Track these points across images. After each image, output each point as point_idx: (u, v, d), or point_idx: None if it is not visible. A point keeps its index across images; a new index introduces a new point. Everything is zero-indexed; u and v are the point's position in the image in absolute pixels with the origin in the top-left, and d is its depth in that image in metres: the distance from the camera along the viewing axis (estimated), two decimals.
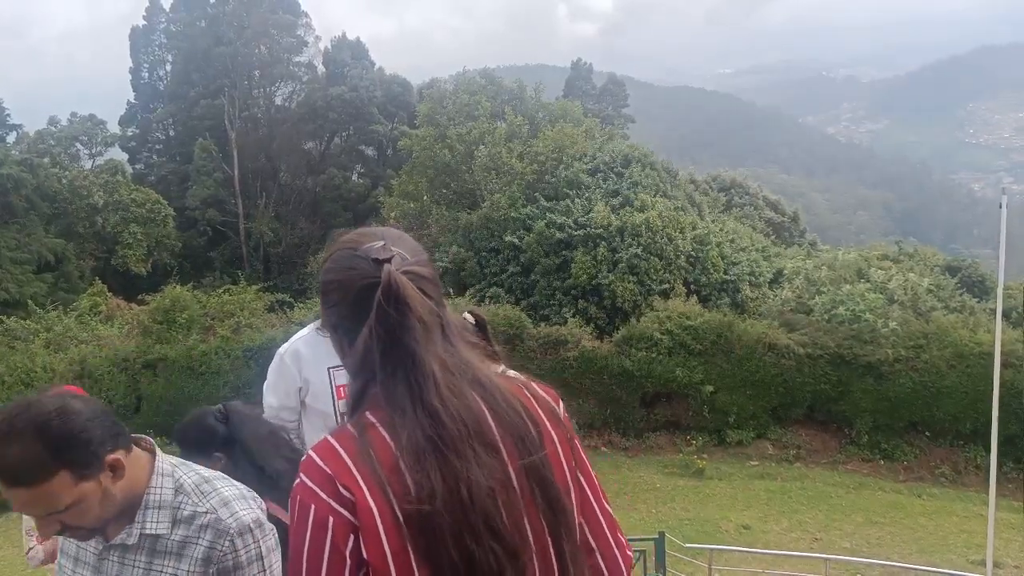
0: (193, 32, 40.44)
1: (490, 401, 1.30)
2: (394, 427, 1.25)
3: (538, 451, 1.30)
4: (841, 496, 15.85)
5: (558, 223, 22.15)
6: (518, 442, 1.29)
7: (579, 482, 1.40)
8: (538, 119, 27.71)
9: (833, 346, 17.69)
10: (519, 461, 1.28)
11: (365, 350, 1.29)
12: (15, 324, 20.23)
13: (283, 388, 3.22)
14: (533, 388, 1.42)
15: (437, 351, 1.30)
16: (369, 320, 1.28)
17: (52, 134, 36.06)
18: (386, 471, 1.22)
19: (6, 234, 28.91)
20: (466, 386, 1.29)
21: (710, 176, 37.52)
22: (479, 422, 1.27)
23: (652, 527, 12.33)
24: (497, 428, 1.28)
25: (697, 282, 21.18)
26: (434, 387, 1.26)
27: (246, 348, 17.66)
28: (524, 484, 1.28)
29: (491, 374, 1.36)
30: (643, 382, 18.09)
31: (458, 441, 1.23)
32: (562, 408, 1.44)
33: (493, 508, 1.22)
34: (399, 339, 1.28)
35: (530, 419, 1.32)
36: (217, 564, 1.80)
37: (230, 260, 37.66)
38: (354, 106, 39.58)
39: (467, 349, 1.36)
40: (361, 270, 1.33)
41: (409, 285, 1.29)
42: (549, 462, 1.31)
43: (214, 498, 1.86)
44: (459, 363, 1.32)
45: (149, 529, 1.82)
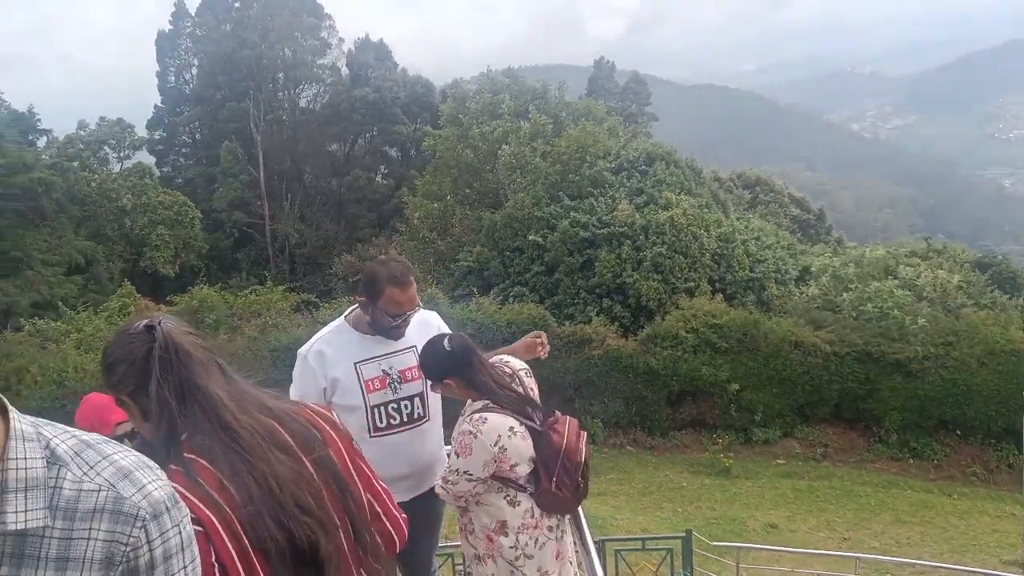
0: (218, 36, 40.83)
1: (277, 417, 1.66)
2: (209, 454, 1.55)
3: (323, 449, 1.68)
4: (869, 495, 15.70)
5: (582, 222, 22.11)
6: (306, 444, 1.65)
7: (361, 469, 1.80)
8: (561, 118, 27.69)
9: (861, 343, 17.55)
10: (310, 456, 1.64)
11: (159, 397, 1.58)
12: (46, 325, 20.52)
13: (307, 390, 3.21)
14: (311, 406, 1.81)
15: (219, 383, 1.63)
16: (155, 371, 1.58)
17: (81, 138, 36.50)
18: (215, 491, 1.52)
19: (37, 237, 29.32)
20: (252, 407, 1.64)
21: (734, 173, 37.34)
22: (272, 431, 1.62)
23: (679, 526, 12.28)
24: (288, 435, 1.64)
25: (722, 280, 21.06)
26: (224, 408, 1.59)
27: (272, 348, 17.79)
28: (319, 474, 1.64)
29: (272, 400, 1.71)
30: (668, 380, 18.03)
31: (257, 448, 1.56)
32: (336, 416, 1.84)
33: (298, 491, 1.57)
34: (185, 379, 1.59)
35: (313, 426, 1.72)
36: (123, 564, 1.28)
37: (256, 261, 37.98)
38: (377, 107, 39.77)
39: (246, 382, 1.71)
40: (138, 341, 1.62)
41: (182, 335, 1.62)
42: (333, 456, 1.71)
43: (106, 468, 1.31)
44: (240, 392, 1.66)
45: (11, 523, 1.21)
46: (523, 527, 3.01)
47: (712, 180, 29.79)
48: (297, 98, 43.21)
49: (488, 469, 2.93)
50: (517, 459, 2.95)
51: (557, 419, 3.07)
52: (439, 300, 19.10)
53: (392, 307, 3.15)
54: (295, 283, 31.84)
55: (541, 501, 3.03)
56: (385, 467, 3.18)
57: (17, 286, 27.20)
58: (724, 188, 30.67)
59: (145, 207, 33.82)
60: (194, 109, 41.97)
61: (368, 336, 3.26)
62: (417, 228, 28.42)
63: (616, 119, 30.14)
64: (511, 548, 3.00)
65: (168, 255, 33.44)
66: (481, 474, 2.94)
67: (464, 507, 3.11)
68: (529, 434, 2.98)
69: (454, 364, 3.04)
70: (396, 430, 3.26)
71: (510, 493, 3.01)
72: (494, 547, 3.04)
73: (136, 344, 1.62)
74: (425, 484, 3.36)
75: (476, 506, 3.06)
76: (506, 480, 2.99)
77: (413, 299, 3.20)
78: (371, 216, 39.56)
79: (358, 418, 3.19)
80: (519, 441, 2.95)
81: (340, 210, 40.40)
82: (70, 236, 30.78)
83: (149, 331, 1.62)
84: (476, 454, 2.92)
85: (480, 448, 2.91)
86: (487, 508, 3.04)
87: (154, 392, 1.57)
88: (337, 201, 40.81)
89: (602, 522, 12.90)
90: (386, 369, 3.26)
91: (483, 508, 3.05)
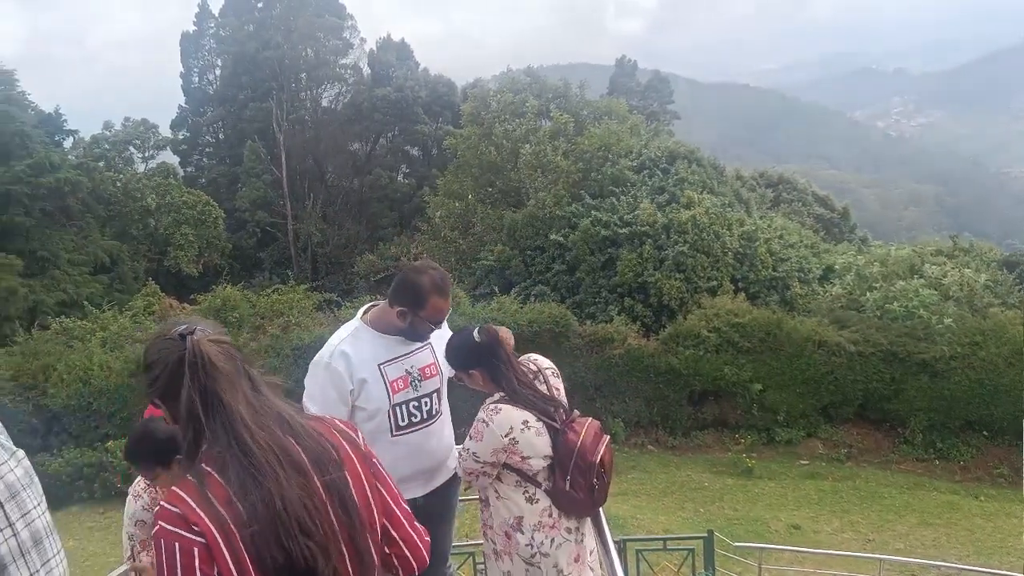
0: (241, 36, 41.09)
1: (295, 434, 1.67)
2: (223, 468, 1.59)
3: (338, 470, 1.68)
4: (894, 496, 15.55)
5: (603, 221, 22.07)
6: (319, 464, 1.66)
7: (378, 490, 1.79)
8: (583, 117, 27.64)
9: (886, 343, 17.39)
10: (323, 478, 1.65)
11: (188, 404, 1.63)
12: (73, 324, 20.74)
13: (332, 395, 3.20)
14: (335, 423, 1.82)
15: (243, 397, 1.65)
16: (186, 380, 1.63)
17: (107, 138, 36.83)
18: (222, 506, 1.55)
19: (64, 236, 29.64)
20: (272, 423, 1.65)
21: (757, 172, 37.07)
22: (287, 449, 1.63)
23: (700, 526, 12.24)
24: (303, 453, 1.65)
25: (745, 279, 20.94)
26: (242, 424, 1.61)
27: (295, 346, 17.88)
28: (328, 496, 1.65)
29: (294, 413, 1.73)
30: (690, 380, 17.96)
31: (268, 466, 1.58)
32: (360, 436, 1.84)
33: (304, 514, 1.58)
34: (210, 390, 1.62)
35: (332, 446, 1.71)
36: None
37: (279, 260, 38.20)
38: (399, 107, 39.86)
39: (274, 396, 1.73)
40: (172, 347, 1.68)
41: (211, 348, 1.65)
42: (348, 478, 1.70)
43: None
44: (264, 406, 1.67)
45: None
46: (539, 525, 3.02)
47: (734, 179, 29.59)
48: (319, 98, 43.38)
49: (497, 457, 2.98)
50: (529, 452, 2.97)
51: (576, 419, 3.08)
52: (460, 299, 19.13)
53: (435, 315, 3.18)
54: (317, 282, 32.01)
55: (556, 500, 3.04)
56: (405, 465, 3.25)
57: (44, 285, 27.51)
58: (747, 187, 30.42)
59: (169, 207, 34.10)
60: (217, 109, 42.27)
61: (387, 336, 3.27)
62: (438, 227, 28.50)
63: (638, 117, 30.03)
64: (527, 546, 3.01)
65: (192, 254, 33.69)
66: (488, 459, 3.00)
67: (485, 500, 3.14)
68: (546, 431, 2.99)
69: (481, 355, 3.08)
70: (416, 427, 3.29)
71: (529, 489, 3.03)
72: (511, 544, 3.06)
73: (170, 350, 1.67)
74: (439, 478, 3.42)
75: (497, 501, 3.09)
76: (522, 472, 3.01)
77: (447, 307, 3.23)
78: (392, 215, 39.68)
79: (381, 418, 3.22)
80: (532, 436, 2.97)
81: (362, 209, 40.55)
82: (96, 236, 31.10)
83: (182, 339, 1.67)
84: (486, 441, 2.98)
85: (491, 436, 2.96)
86: (507, 503, 3.06)
87: (184, 400, 1.63)
88: (359, 200, 40.96)
89: (623, 522, 12.88)
90: (408, 368, 3.28)
91: (503, 503, 3.07)
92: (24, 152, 28.70)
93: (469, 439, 3.04)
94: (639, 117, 30.42)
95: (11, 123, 28.85)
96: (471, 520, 10.00)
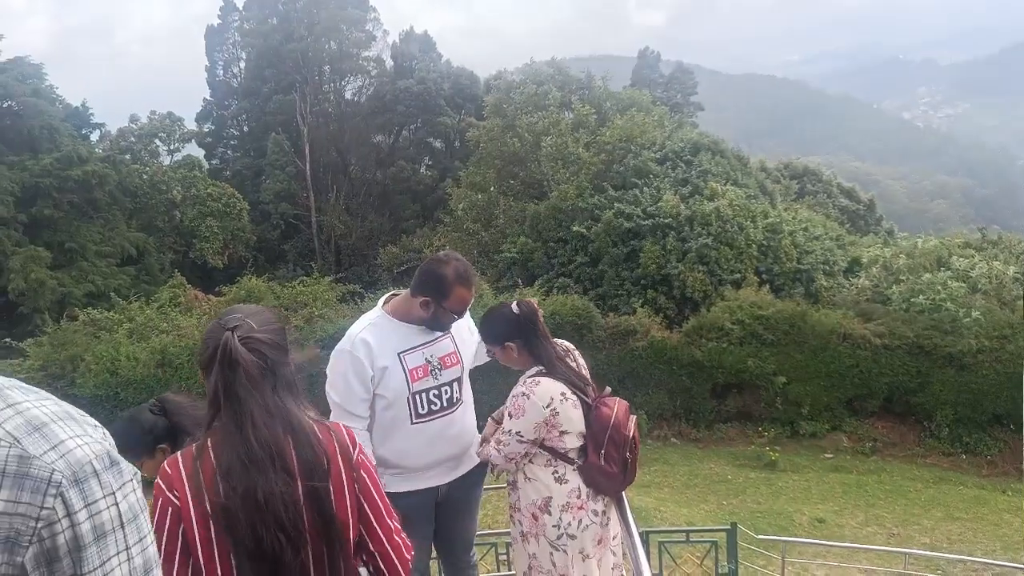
0: (265, 29, 41.28)
1: (295, 439, 1.82)
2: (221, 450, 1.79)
3: (323, 479, 1.83)
4: (920, 491, 15.43)
5: (626, 212, 22.00)
6: (308, 470, 1.81)
7: (361, 504, 1.91)
8: (606, 108, 27.54)
9: (912, 336, 17.24)
10: (307, 483, 1.81)
11: (211, 390, 1.83)
12: (100, 315, 20.99)
13: (353, 382, 3.24)
14: (340, 434, 1.94)
15: (261, 398, 1.81)
16: (214, 371, 1.82)
17: (133, 131, 37.14)
18: (206, 480, 1.77)
19: (91, 229, 29.98)
20: (279, 426, 1.81)
21: (781, 164, 36.81)
22: (282, 452, 1.79)
23: (723, 519, 12.18)
24: (296, 458, 1.81)
25: (769, 271, 20.81)
26: (250, 423, 1.78)
27: (319, 338, 17.99)
28: (307, 501, 1.80)
29: (304, 420, 1.88)
30: (714, 373, 17.90)
31: (260, 462, 1.76)
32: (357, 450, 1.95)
33: (281, 510, 1.75)
34: (231, 385, 1.80)
35: (325, 455, 1.86)
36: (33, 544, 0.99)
37: (302, 252, 38.40)
38: (422, 99, 39.90)
39: (291, 401, 1.88)
40: (216, 336, 1.85)
41: (240, 349, 1.81)
42: (330, 488, 1.84)
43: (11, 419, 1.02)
44: (277, 409, 1.83)
45: None
46: (567, 506, 3.05)
47: (758, 170, 29.41)
48: (343, 90, 43.52)
49: (539, 432, 3.00)
50: (567, 426, 3.01)
51: (607, 395, 3.11)
52: (483, 292, 19.15)
53: (459, 305, 3.22)
54: (341, 274, 32.19)
55: (588, 476, 3.06)
56: (426, 452, 3.30)
57: (72, 277, 27.87)
58: (771, 178, 30.23)
59: (194, 199, 34.37)
60: (242, 102, 42.52)
61: (408, 325, 3.30)
62: (461, 219, 28.52)
63: (661, 109, 29.89)
64: (554, 527, 3.03)
65: (217, 246, 33.93)
66: (531, 436, 3.03)
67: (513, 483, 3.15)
68: (580, 405, 3.03)
69: (520, 327, 3.14)
70: (436, 415, 3.32)
71: (559, 469, 3.06)
72: (538, 525, 3.08)
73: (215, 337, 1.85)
74: (463, 467, 3.44)
75: (525, 482, 3.11)
76: (555, 451, 3.03)
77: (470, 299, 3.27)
78: (415, 207, 39.77)
79: (400, 406, 3.25)
80: (570, 408, 3.02)
81: (385, 201, 40.65)
82: (122, 228, 31.41)
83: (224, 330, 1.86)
84: (529, 414, 3.00)
85: (533, 409, 2.98)
86: (535, 484, 3.09)
87: (209, 386, 1.83)
88: (382, 192, 41.07)
89: (646, 514, 12.86)
90: (428, 357, 3.31)
91: (531, 484, 3.10)
92: (52, 145, 29.06)
93: (508, 419, 3.06)
94: (662, 109, 30.28)
95: (39, 117, 29.21)
96: (493, 511, 10.04)
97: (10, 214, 26.87)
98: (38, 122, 28.97)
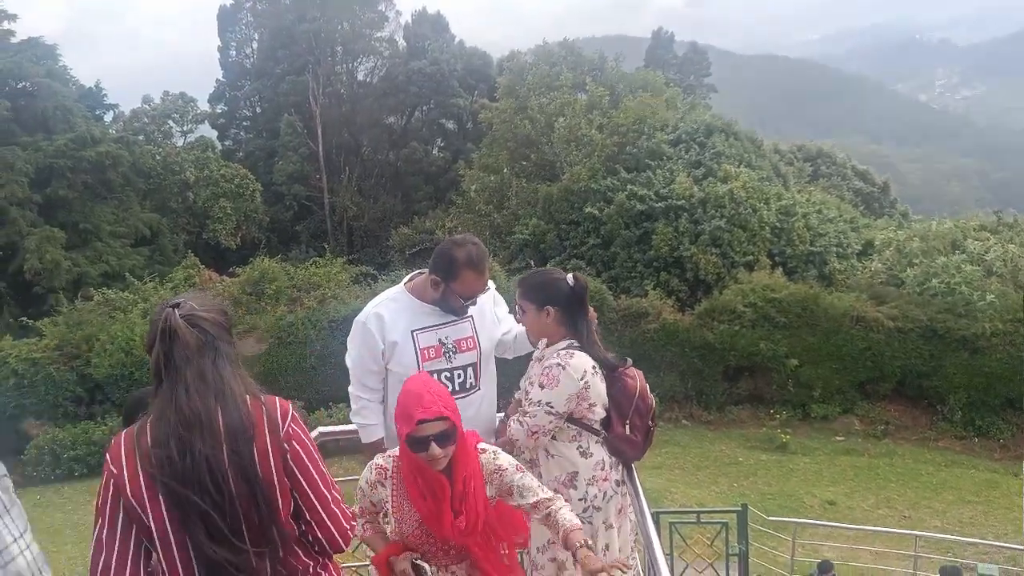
0: (278, 10, 41.14)
1: (224, 408, 1.92)
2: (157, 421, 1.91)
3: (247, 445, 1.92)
4: (932, 474, 15.43)
5: (639, 195, 21.93)
6: (231, 434, 1.90)
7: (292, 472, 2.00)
8: (619, 90, 27.40)
9: (925, 319, 17.19)
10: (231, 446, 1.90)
11: (155, 362, 1.95)
12: (115, 295, 21.15)
13: (365, 353, 3.29)
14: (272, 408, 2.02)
15: (198, 367, 1.92)
16: (156, 344, 1.94)
17: (146, 112, 37.18)
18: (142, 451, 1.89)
19: (105, 209, 30.09)
20: (211, 394, 1.92)
21: (795, 146, 36.58)
22: (211, 419, 1.89)
23: (734, 500, 12.22)
24: (223, 425, 1.90)
25: (782, 254, 20.73)
26: (183, 388, 1.90)
27: (331, 319, 18.08)
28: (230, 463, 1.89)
29: (236, 389, 1.97)
30: (725, 355, 17.90)
31: (189, 427, 1.87)
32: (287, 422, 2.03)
33: (206, 471, 1.85)
34: (169, 356, 1.92)
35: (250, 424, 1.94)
36: None
37: (315, 234, 38.44)
38: (435, 80, 39.74)
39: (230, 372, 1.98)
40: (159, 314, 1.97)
41: (180, 322, 1.93)
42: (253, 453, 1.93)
43: None
44: (212, 378, 1.93)
45: None
46: (593, 479, 3.08)
47: (772, 152, 29.25)
48: (355, 71, 43.36)
49: (570, 404, 3.02)
50: (596, 398, 3.04)
51: (628, 366, 3.15)
52: (496, 273, 19.18)
53: (466, 290, 3.21)
54: (353, 255, 32.22)
55: (612, 447, 3.09)
56: None
57: (87, 257, 28.01)
58: (785, 160, 30.07)
59: (208, 180, 34.42)
60: (254, 83, 42.45)
61: (426, 304, 3.30)
62: (473, 201, 28.50)
63: (675, 90, 29.70)
64: (580, 500, 3.05)
65: (230, 227, 34.00)
66: (562, 408, 3.03)
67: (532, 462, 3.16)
68: (604, 378, 3.06)
69: (567, 298, 3.20)
70: None
71: (583, 443, 3.08)
72: None
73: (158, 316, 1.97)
74: None
75: (548, 459, 3.12)
76: (582, 423, 3.05)
77: (486, 283, 3.28)
78: (427, 189, 39.71)
79: None
80: (599, 381, 3.07)
81: (397, 183, 40.61)
82: (136, 209, 31.52)
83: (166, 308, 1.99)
84: (562, 386, 3.01)
85: (567, 380, 3.00)
86: (559, 460, 3.11)
87: (152, 359, 1.95)
88: (394, 174, 41.01)
89: (657, 495, 12.91)
90: (442, 339, 3.31)
91: (555, 461, 3.12)
92: (66, 126, 29.14)
93: (539, 389, 3.04)
94: (676, 90, 30.09)
95: (53, 97, 29.28)
96: None
97: (25, 195, 26.99)
98: (52, 103, 29.05)
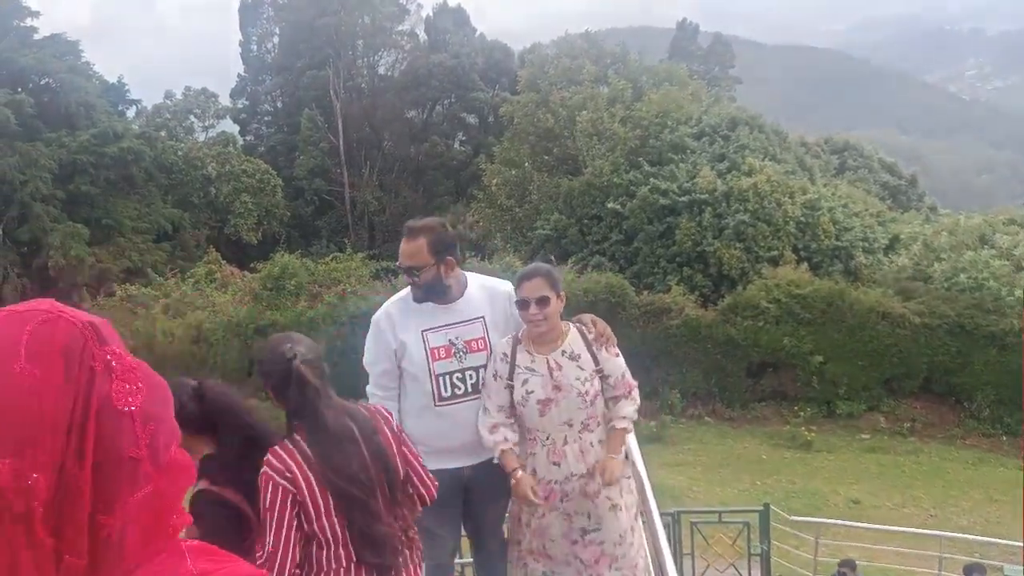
0: (298, 4, 41.19)
1: (352, 418, 2.53)
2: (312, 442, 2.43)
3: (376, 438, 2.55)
4: (959, 472, 15.21)
5: (662, 189, 21.74)
6: (366, 435, 2.53)
7: (403, 452, 2.63)
8: (641, 83, 27.16)
9: (953, 315, 16.93)
10: (369, 446, 2.51)
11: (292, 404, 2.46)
12: (137, 291, 21.29)
13: (380, 352, 3.34)
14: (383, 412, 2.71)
15: (324, 401, 2.48)
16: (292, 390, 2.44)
17: (168, 108, 37.47)
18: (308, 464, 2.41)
19: (128, 205, 30.31)
20: (342, 415, 2.51)
21: (822, 138, 36.18)
22: (349, 429, 2.49)
23: (757, 499, 12.09)
24: (357, 430, 2.51)
25: (807, 249, 20.47)
26: (323, 417, 2.45)
27: (352, 314, 18.06)
28: (372, 458, 2.50)
29: (355, 408, 2.61)
30: (749, 351, 17.73)
31: (336, 440, 2.45)
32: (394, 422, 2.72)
33: (357, 467, 2.45)
34: (304, 396, 2.44)
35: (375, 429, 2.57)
36: None
37: (336, 229, 38.54)
38: (456, 73, 39.68)
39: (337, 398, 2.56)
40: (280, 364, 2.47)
41: (306, 370, 2.45)
42: (382, 443, 2.56)
43: None
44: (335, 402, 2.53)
45: None
46: None
47: (798, 145, 28.93)
48: (376, 65, 43.40)
49: None
50: None
51: None
52: (516, 268, 19.06)
53: (400, 259, 3.28)
54: (374, 250, 32.23)
55: None
56: (449, 436, 3.32)
57: (110, 253, 28.26)
58: (810, 153, 29.72)
59: (229, 175, 34.59)
60: (275, 78, 42.60)
61: (436, 304, 3.30)
62: (495, 195, 28.42)
63: (699, 83, 29.42)
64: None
65: (251, 222, 34.14)
66: None
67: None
68: None
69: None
70: (460, 400, 3.31)
71: None
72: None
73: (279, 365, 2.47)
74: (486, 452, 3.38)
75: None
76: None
77: (414, 255, 3.22)
78: (449, 183, 39.72)
79: (423, 386, 3.28)
80: None
81: (418, 177, 40.64)
82: (158, 204, 31.74)
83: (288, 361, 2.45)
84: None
85: None
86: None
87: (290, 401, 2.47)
88: (415, 168, 41.05)
89: (679, 493, 12.79)
90: (452, 339, 3.30)
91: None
92: (89, 122, 29.39)
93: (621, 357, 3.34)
94: (699, 83, 29.81)
95: (76, 93, 29.54)
96: None
97: (49, 191, 27.26)
98: (75, 99, 29.29)
